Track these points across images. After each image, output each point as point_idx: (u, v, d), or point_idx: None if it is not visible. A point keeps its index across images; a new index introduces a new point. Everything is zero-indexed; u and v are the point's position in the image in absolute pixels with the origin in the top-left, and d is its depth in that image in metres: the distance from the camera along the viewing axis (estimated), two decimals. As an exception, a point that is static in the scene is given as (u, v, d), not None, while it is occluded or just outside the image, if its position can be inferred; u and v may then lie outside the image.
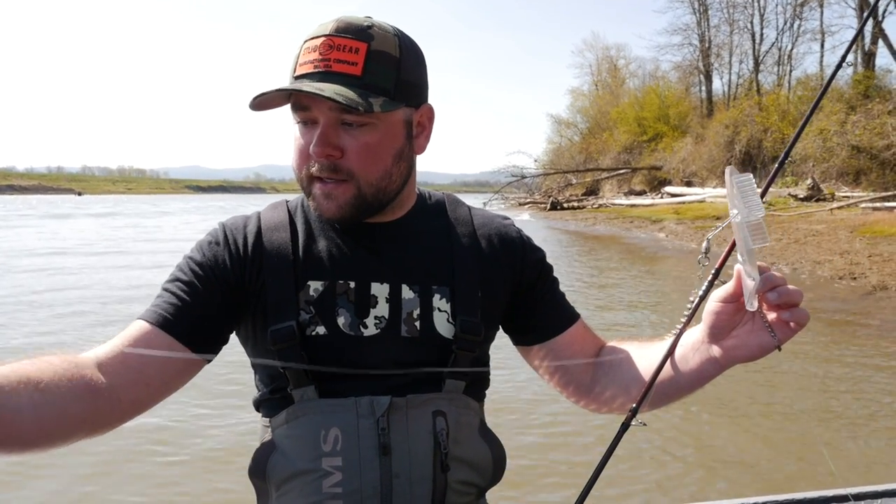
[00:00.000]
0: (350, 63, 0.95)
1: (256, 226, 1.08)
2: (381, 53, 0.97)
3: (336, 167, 0.98)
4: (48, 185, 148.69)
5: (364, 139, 0.98)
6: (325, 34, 0.96)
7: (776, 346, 0.91)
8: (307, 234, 1.08)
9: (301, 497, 0.98)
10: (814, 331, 6.82)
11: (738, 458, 3.82)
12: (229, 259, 1.04)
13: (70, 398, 0.85)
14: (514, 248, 1.15)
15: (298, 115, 0.99)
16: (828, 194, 19.99)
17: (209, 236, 1.08)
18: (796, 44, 33.12)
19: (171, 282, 1.03)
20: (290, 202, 1.15)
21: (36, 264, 12.59)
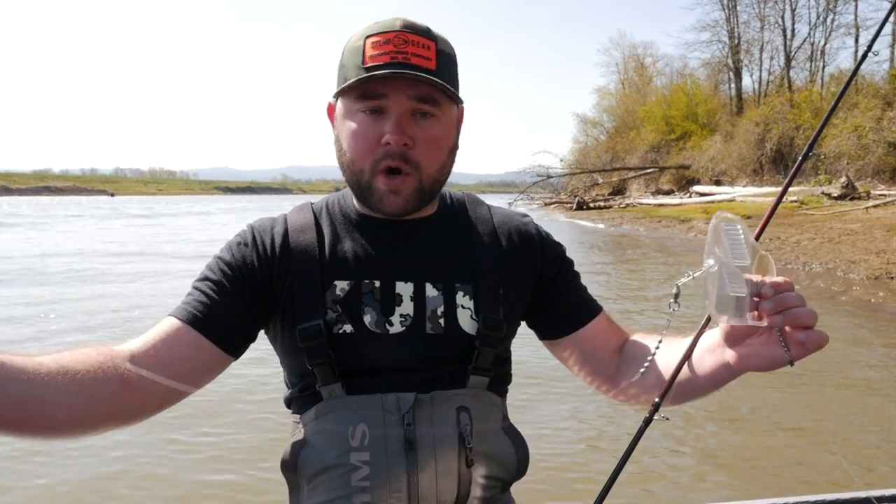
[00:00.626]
0: (425, 58, 0.99)
1: (283, 227, 1.11)
2: (446, 53, 1.03)
3: (407, 157, 1.01)
4: (82, 187, 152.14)
5: (432, 131, 1.02)
6: (396, 30, 0.99)
7: (789, 362, 0.87)
8: (333, 235, 1.11)
9: (331, 490, 1.00)
10: (849, 331, 6.68)
11: (760, 460, 3.76)
12: (257, 259, 1.07)
13: (102, 389, 0.89)
14: (534, 244, 1.17)
15: (367, 104, 1.01)
16: (863, 192, 19.54)
17: (238, 237, 1.11)
18: (829, 39, 32.51)
19: (201, 280, 1.06)
20: (314, 204, 1.18)
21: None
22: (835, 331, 6.69)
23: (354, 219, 1.12)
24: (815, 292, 9.09)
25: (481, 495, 1.04)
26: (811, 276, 10.26)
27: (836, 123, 25.15)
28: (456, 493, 1.00)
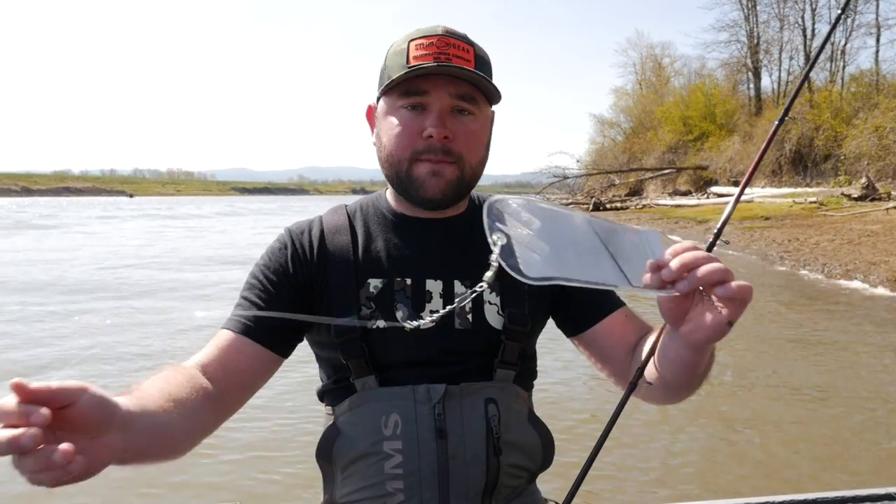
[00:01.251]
0: (466, 59, 1.07)
1: (319, 229, 1.17)
2: (483, 58, 1.10)
3: (449, 149, 1.07)
4: (101, 188, 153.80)
5: (471, 126, 1.09)
6: (438, 34, 1.07)
7: (727, 323, 0.81)
8: (366, 235, 1.16)
9: (365, 478, 1.06)
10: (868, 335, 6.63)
11: (778, 458, 3.76)
12: (297, 262, 1.14)
13: (201, 407, 0.97)
14: None
15: (409, 100, 1.07)
16: (883, 193, 19.29)
17: (277, 242, 1.18)
18: (850, 38, 32.08)
19: (247, 290, 1.13)
20: (348, 206, 1.24)
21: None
22: (845, 334, 6.65)
23: (389, 218, 1.18)
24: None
25: (509, 483, 1.09)
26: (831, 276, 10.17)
27: (857, 124, 24.83)
28: (484, 480, 1.05)
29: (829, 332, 6.91)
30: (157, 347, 6.40)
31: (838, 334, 6.77)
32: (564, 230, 0.78)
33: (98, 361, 5.86)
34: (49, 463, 0.61)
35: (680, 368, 0.95)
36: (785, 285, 10.11)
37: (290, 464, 3.65)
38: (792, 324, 7.38)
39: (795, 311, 8.05)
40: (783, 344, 6.48)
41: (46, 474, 0.62)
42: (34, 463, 0.61)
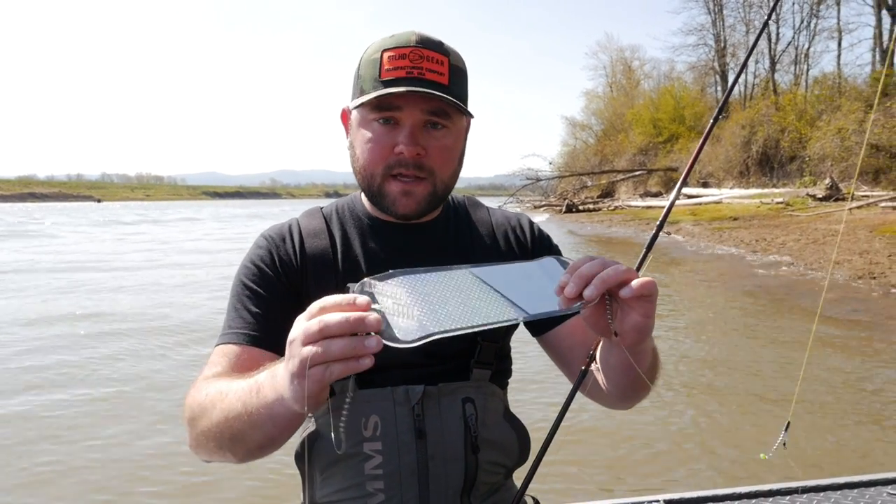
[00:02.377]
0: (439, 73, 1.06)
1: (298, 233, 1.17)
2: (458, 68, 1.10)
3: (421, 164, 1.07)
4: (68, 193, 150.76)
5: (444, 141, 1.09)
6: (412, 45, 1.05)
7: (643, 319, 0.84)
8: (343, 239, 1.17)
9: (345, 479, 1.07)
10: (831, 332, 6.80)
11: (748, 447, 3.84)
12: (284, 266, 1.13)
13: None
14: (525, 240, 1.25)
15: (381, 114, 1.06)
16: (846, 194, 19.79)
17: (257, 248, 1.16)
18: (813, 42, 32.88)
19: (237, 299, 1.11)
20: (324, 209, 1.24)
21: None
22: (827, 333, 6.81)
23: (365, 222, 1.19)
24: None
25: (487, 480, 1.12)
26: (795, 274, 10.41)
27: (821, 126, 25.43)
28: (463, 477, 1.08)
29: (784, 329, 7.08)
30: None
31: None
32: (441, 288, 0.82)
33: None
34: (359, 349, 0.70)
35: (625, 371, 0.95)
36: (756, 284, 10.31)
37: (265, 467, 3.64)
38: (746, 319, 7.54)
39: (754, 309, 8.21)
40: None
41: (342, 364, 0.70)
42: (349, 344, 0.69)
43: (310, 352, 0.70)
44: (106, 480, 3.65)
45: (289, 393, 0.75)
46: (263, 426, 0.85)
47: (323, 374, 0.70)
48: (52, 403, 4.88)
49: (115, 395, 5.12)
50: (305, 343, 0.71)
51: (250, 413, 0.85)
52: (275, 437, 0.88)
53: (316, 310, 0.73)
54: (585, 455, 3.81)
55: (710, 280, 10.92)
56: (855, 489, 1.72)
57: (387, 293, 0.78)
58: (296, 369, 0.72)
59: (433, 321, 0.77)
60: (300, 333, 0.72)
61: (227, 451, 0.93)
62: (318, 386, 0.72)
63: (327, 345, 0.69)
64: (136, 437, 4.23)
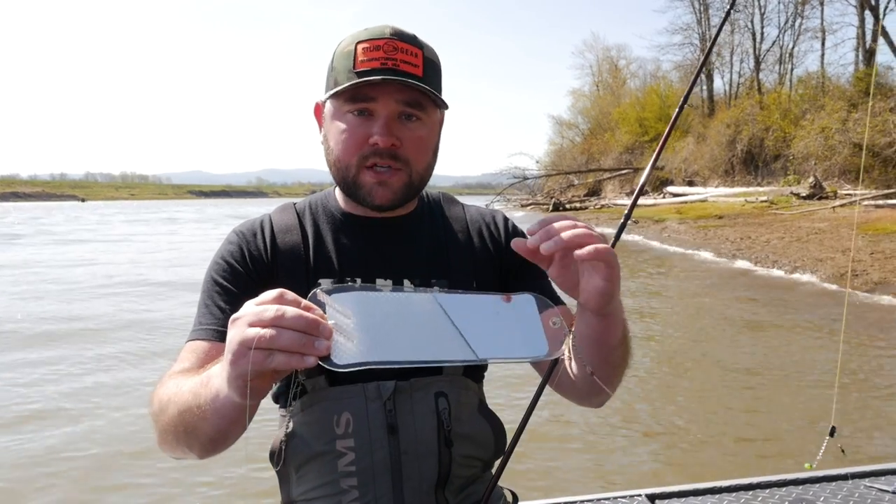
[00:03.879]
0: (413, 65, 1.05)
1: (270, 228, 1.16)
2: (432, 61, 1.09)
3: (396, 155, 1.06)
4: (52, 192, 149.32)
5: (418, 132, 1.08)
6: (386, 37, 1.05)
7: (603, 282, 0.84)
8: (316, 234, 1.16)
9: (319, 477, 1.06)
10: (813, 329, 6.87)
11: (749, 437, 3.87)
12: (254, 262, 1.12)
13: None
14: (499, 236, 1.24)
15: (356, 105, 1.05)
16: (830, 192, 20.02)
17: (228, 244, 1.15)
18: (797, 42, 33.20)
19: (207, 296, 1.10)
20: (297, 204, 1.22)
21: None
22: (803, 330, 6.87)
23: (338, 217, 1.17)
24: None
25: (463, 474, 1.11)
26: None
27: (805, 125, 25.69)
28: (437, 472, 1.07)
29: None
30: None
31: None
32: (397, 311, 0.79)
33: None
34: (307, 346, 0.69)
35: (592, 342, 0.94)
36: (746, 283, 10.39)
37: (241, 466, 3.62)
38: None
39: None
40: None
41: (286, 357, 0.69)
42: (299, 339, 0.69)
43: (255, 333, 0.69)
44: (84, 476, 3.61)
45: (226, 374, 0.74)
46: (212, 418, 0.84)
47: (264, 361, 0.69)
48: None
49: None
50: (253, 324, 0.70)
51: (200, 405, 0.85)
52: (223, 429, 0.87)
53: (271, 297, 0.72)
54: (567, 450, 3.83)
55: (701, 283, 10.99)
56: (833, 482, 1.73)
57: (337, 307, 0.76)
58: (236, 349, 0.71)
59: (374, 348, 0.74)
60: (249, 314, 0.71)
61: (184, 445, 0.93)
62: (257, 369, 0.70)
63: (277, 333, 0.69)
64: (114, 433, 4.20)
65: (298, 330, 0.69)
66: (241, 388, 0.72)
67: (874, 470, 1.77)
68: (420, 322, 0.79)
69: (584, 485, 3.45)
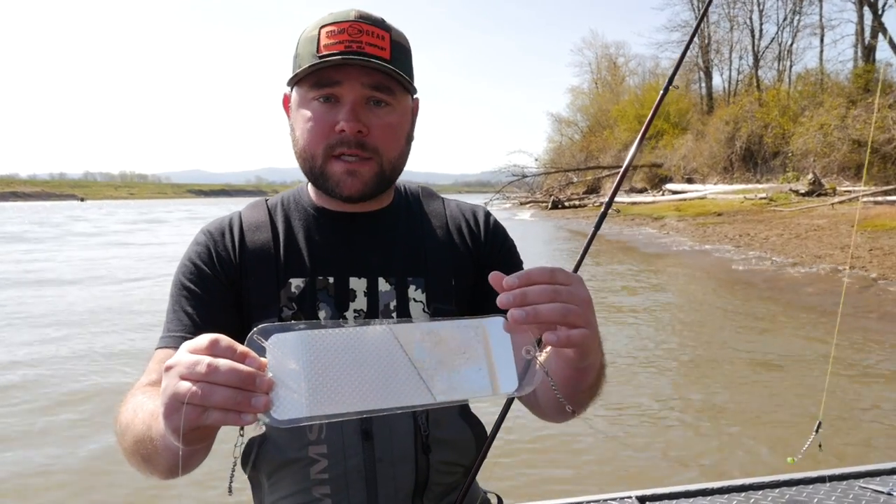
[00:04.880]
0: (379, 47, 1.00)
1: (239, 227, 1.11)
2: (400, 44, 1.04)
3: (363, 143, 1.01)
4: (51, 192, 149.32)
5: (388, 119, 1.02)
6: (350, 20, 1.00)
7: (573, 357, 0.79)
8: (287, 231, 1.11)
9: (292, 484, 1.03)
10: (813, 322, 6.84)
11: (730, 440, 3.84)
12: (222, 263, 1.07)
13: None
14: (478, 232, 1.18)
15: (321, 91, 1.00)
16: (829, 189, 19.97)
17: (196, 245, 1.10)
18: (796, 39, 33.14)
19: (175, 300, 1.05)
20: (269, 201, 1.17)
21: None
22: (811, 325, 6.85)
23: (310, 213, 1.12)
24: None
25: (442, 481, 1.07)
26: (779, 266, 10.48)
27: (804, 122, 25.65)
28: (414, 479, 1.03)
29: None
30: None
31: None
32: (347, 352, 0.69)
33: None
34: (243, 404, 0.62)
35: (564, 380, 0.87)
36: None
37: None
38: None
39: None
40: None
41: (221, 414, 0.63)
42: (234, 397, 0.62)
43: (187, 389, 0.63)
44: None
45: (162, 425, 0.68)
46: (164, 453, 0.79)
47: (199, 418, 0.63)
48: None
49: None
50: (185, 378, 0.63)
51: (152, 438, 0.80)
52: (178, 463, 0.79)
53: (205, 345, 0.65)
54: (554, 452, 3.80)
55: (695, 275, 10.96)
56: (827, 483, 1.70)
57: (278, 352, 0.67)
58: (168, 402, 0.65)
59: (320, 400, 0.66)
60: (181, 364, 0.64)
61: (145, 470, 0.88)
62: (191, 426, 0.65)
63: (209, 389, 0.62)
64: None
65: (233, 386, 0.63)
66: (178, 433, 0.66)
67: (869, 470, 1.74)
68: (373, 361, 0.70)
69: (573, 487, 3.41)
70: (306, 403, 0.66)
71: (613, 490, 1.73)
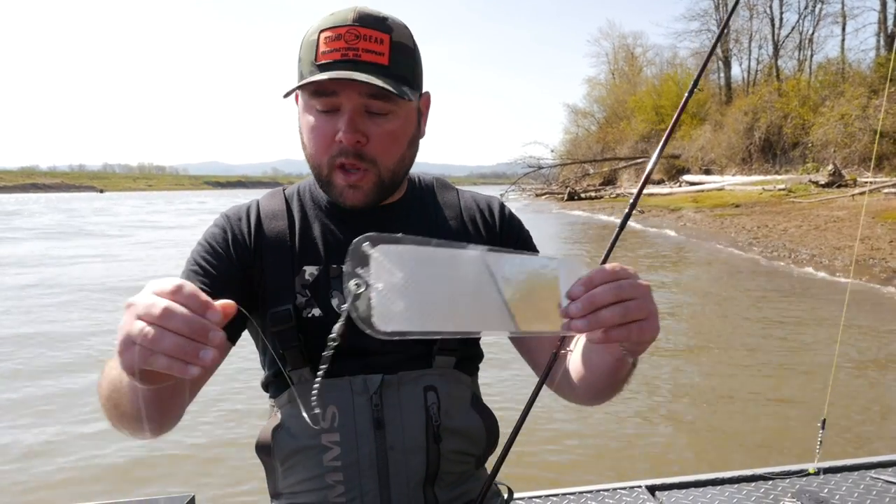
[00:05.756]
0: (377, 53, 0.98)
1: (256, 214, 1.13)
2: (402, 45, 1.02)
3: (361, 154, 1.01)
4: (70, 183, 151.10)
5: (387, 127, 1.02)
6: (348, 24, 0.98)
7: (624, 354, 0.86)
8: (303, 221, 1.13)
9: (304, 471, 1.05)
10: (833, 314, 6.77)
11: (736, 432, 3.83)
12: (238, 247, 1.10)
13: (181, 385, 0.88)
14: (493, 224, 1.19)
15: (320, 103, 1.01)
16: (849, 180, 19.69)
17: (216, 227, 1.13)
18: (817, 27, 32.63)
19: (185, 275, 1.07)
20: (286, 190, 1.19)
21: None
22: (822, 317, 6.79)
23: (324, 205, 1.14)
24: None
25: (453, 470, 1.09)
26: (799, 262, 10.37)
27: (824, 112, 25.28)
28: (425, 468, 1.05)
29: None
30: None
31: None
32: (445, 272, 0.70)
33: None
34: (191, 355, 0.63)
35: (601, 374, 0.94)
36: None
37: (241, 453, 3.66)
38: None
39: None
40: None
41: (168, 361, 0.63)
42: (182, 346, 0.63)
43: (140, 330, 0.64)
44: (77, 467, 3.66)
45: (119, 361, 0.68)
46: (130, 396, 0.81)
47: (147, 358, 0.64)
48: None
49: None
50: (140, 317, 0.64)
51: (122, 380, 0.81)
52: (142, 410, 0.81)
53: (168, 289, 0.66)
54: (565, 440, 3.82)
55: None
56: (838, 473, 1.71)
57: (385, 262, 0.67)
58: (122, 339, 0.66)
59: (419, 316, 0.67)
60: (141, 305, 0.65)
61: (116, 422, 0.90)
62: (143, 367, 0.65)
63: (160, 334, 0.63)
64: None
65: (184, 335, 0.63)
66: (131, 370, 0.67)
67: (880, 461, 1.75)
68: (465, 285, 0.71)
69: (584, 476, 3.43)
70: (408, 317, 0.66)
71: (624, 479, 1.75)
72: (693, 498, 1.63)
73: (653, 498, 1.65)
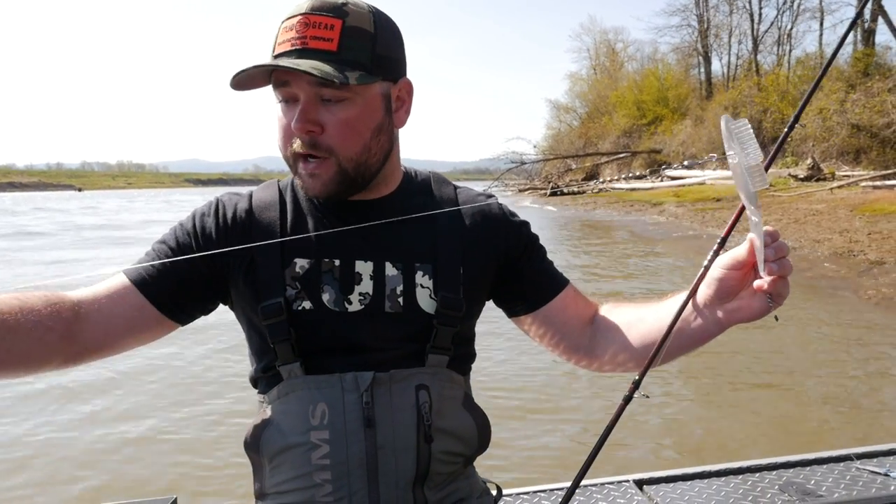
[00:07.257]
0: (326, 39, 0.97)
1: (248, 203, 1.12)
2: (356, 29, 0.99)
3: (316, 143, 1.00)
4: (48, 182, 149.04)
5: (342, 115, 1.00)
6: (301, 13, 0.98)
7: (772, 310, 0.97)
8: (295, 212, 1.11)
9: (292, 469, 1.03)
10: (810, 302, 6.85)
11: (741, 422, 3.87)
12: (216, 232, 1.08)
13: (41, 329, 0.93)
14: (498, 223, 1.17)
15: (280, 93, 1.01)
16: (828, 174, 19.95)
17: (204, 208, 1.12)
18: (796, 23, 32.98)
19: (159, 243, 1.09)
20: (281, 182, 1.18)
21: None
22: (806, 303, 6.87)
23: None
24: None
25: (443, 471, 1.07)
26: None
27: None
28: (415, 468, 1.03)
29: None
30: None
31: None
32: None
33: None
34: None
35: (694, 340, 1.07)
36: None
37: (224, 452, 3.62)
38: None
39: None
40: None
41: None
42: None
43: None
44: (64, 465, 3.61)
45: None
46: None
47: None
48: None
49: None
50: None
51: None
52: None
53: None
54: (551, 435, 3.83)
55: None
56: (825, 464, 1.72)
57: (744, 136, 0.90)
58: None
59: (763, 176, 0.89)
60: None
61: None
62: None
63: None
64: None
65: None
66: None
67: (866, 451, 1.76)
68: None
69: (570, 471, 3.43)
70: (762, 179, 0.89)
71: (611, 474, 1.75)
72: (681, 492, 1.63)
73: (641, 492, 1.65)
